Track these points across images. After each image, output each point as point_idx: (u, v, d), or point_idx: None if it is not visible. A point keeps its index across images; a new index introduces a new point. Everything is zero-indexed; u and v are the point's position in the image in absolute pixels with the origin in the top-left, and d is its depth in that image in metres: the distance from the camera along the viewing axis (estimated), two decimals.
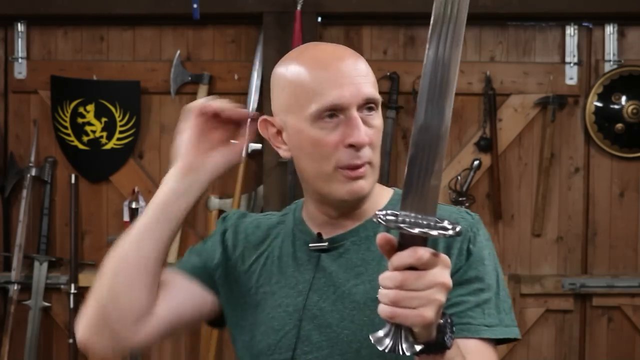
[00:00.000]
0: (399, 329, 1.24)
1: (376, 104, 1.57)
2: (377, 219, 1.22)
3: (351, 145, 1.53)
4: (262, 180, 4.19)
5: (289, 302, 1.61)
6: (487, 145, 4.28)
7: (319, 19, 4.24)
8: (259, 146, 4.11)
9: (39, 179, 4.34)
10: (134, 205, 4.20)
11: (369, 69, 1.58)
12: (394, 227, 1.21)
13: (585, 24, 4.31)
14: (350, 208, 1.60)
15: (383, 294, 1.24)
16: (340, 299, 1.57)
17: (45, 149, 4.37)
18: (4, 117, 4.39)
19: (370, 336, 1.26)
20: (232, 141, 1.65)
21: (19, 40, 4.34)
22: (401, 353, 1.24)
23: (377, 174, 1.59)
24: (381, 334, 1.25)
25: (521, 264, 4.32)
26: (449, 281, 1.25)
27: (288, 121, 1.58)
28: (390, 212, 1.23)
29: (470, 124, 4.32)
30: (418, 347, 1.25)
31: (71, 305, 4.20)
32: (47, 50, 4.39)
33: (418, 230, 1.20)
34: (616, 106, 4.30)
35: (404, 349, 1.24)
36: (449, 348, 1.31)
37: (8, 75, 4.38)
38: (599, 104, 4.29)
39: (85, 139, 4.32)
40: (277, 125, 1.61)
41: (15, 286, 4.27)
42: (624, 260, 4.34)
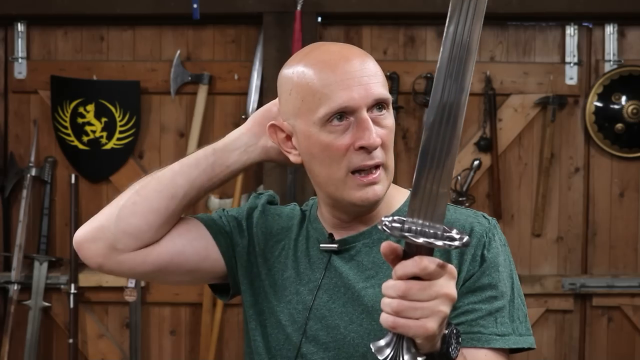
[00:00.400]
0: (401, 339, 1.22)
1: (387, 104, 1.53)
2: (382, 227, 1.19)
3: (362, 148, 1.50)
4: (262, 180, 4.19)
5: (299, 300, 1.60)
6: (487, 145, 4.28)
7: (319, 19, 4.24)
8: None
9: (39, 179, 4.33)
10: None
11: (378, 68, 1.55)
12: (398, 236, 1.19)
13: (585, 24, 4.31)
14: (364, 212, 1.57)
15: (386, 303, 1.21)
16: (351, 301, 1.56)
17: (45, 149, 4.37)
18: (4, 117, 4.39)
19: (371, 345, 1.23)
20: None
21: (19, 40, 4.34)
22: None
23: (392, 176, 1.55)
24: (382, 343, 1.22)
25: (521, 264, 4.32)
26: (454, 293, 1.22)
27: (297, 126, 1.55)
28: (396, 219, 1.20)
29: (470, 124, 4.32)
30: (420, 359, 1.22)
31: (71, 305, 4.19)
32: (47, 50, 4.38)
33: (423, 240, 1.17)
34: (616, 106, 4.30)
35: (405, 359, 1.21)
36: (454, 359, 1.29)
37: (8, 75, 4.37)
38: (599, 104, 4.28)
39: (85, 139, 4.32)
40: (286, 130, 1.58)
41: (15, 286, 4.27)
42: (624, 260, 4.34)
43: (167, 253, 1.64)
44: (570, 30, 4.29)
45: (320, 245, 1.61)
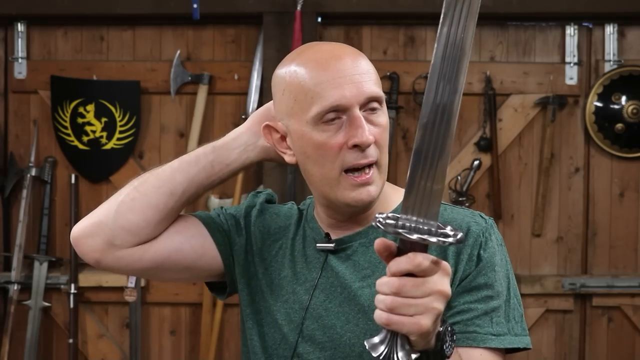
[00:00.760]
0: (395, 336, 1.21)
1: (380, 102, 1.53)
2: (376, 223, 1.19)
3: (356, 146, 1.50)
4: (262, 180, 4.19)
5: (295, 299, 1.60)
6: (487, 145, 4.28)
7: (319, 19, 4.24)
8: None
9: (39, 179, 4.33)
10: None
11: (371, 66, 1.54)
12: (392, 233, 1.18)
13: (585, 24, 4.31)
14: (359, 212, 1.57)
15: (379, 300, 1.21)
16: (347, 300, 1.56)
17: (45, 149, 4.37)
18: (4, 117, 4.39)
19: (365, 342, 1.23)
20: None
21: (19, 40, 4.34)
22: None
23: (385, 175, 1.55)
24: (376, 340, 1.22)
25: (521, 264, 4.32)
26: (448, 289, 1.22)
27: (290, 125, 1.55)
28: (391, 216, 1.20)
29: (470, 124, 4.32)
30: (414, 356, 1.22)
31: (71, 305, 4.19)
32: (47, 50, 4.38)
33: (417, 236, 1.17)
34: (616, 106, 4.30)
35: (399, 357, 1.21)
36: (448, 357, 1.28)
37: (8, 75, 4.37)
38: (599, 104, 4.28)
39: (85, 139, 4.32)
40: (281, 131, 1.58)
41: (15, 286, 4.27)
42: (624, 260, 4.34)
43: (165, 250, 1.64)
44: (570, 30, 4.29)
45: (317, 244, 1.61)
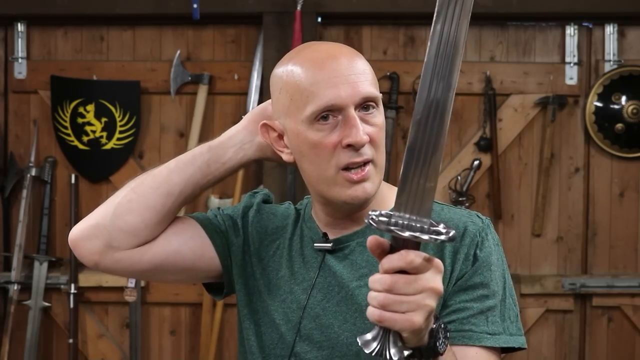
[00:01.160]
0: (388, 332, 1.22)
1: (376, 102, 1.53)
2: (369, 220, 1.20)
3: (349, 145, 1.50)
4: (262, 180, 4.19)
5: (293, 299, 1.60)
6: (487, 145, 4.28)
7: (319, 19, 4.24)
8: None
9: (39, 179, 4.33)
10: None
11: (367, 66, 1.55)
12: (384, 230, 1.19)
13: (585, 24, 4.31)
14: (355, 210, 1.58)
15: (372, 297, 1.21)
16: (344, 300, 1.56)
17: (45, 149, 4.37)
18: (4, 117, 4.39)
19: (358, 338, 1.24)
20: None
21: (19, 40, 4.34)
22: (388, 358, 1.21)
23: (382, 174, 1.56)
24: (369, 336, 1.23)
25: (521, 264, 4.32)
26: (440, 287, 1.22)
27: (287, 124, 1.56)
28: (383, 213, 1.20)
29: (470, 124, 4.32)
30: (406, 352, 1.22)
31: (71, 305, 4.20)
32: (47, 50, 4.38)
33: (409, 233, 1.18)
34: (616, 106, 4.30)
35: (391, 353, 1.21)
36: (441, 354, 1.29)
37: (8, 75, 4.38)
38: (599, 104, 4.28)
39: (85, 139, 4.32)
40: (278, 129, 1.59)
41: (15, 286, 4.27)
42: (624, 260, 4.34)
43: (163, 251, 1.64)
44: (570, 30, 4.29)
45: (315, 244, 1.61)
